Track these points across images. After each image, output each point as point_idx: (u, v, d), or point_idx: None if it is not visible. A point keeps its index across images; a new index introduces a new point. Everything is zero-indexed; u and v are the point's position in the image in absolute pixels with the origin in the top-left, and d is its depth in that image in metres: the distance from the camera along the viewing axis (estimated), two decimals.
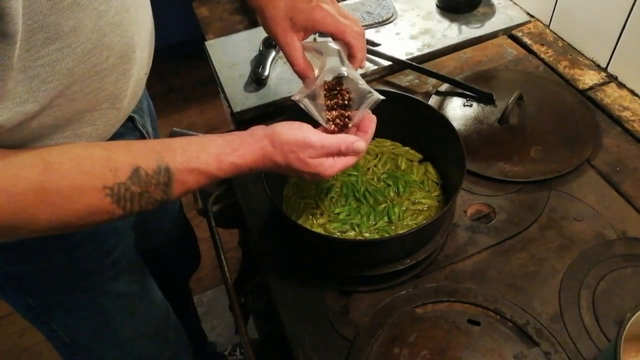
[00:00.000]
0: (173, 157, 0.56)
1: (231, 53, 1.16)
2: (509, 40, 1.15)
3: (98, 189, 0.51)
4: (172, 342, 0.99)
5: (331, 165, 0.64)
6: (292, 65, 0.71)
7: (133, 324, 0.87)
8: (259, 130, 0.63)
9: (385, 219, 0.77)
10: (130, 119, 0.73)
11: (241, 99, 1.05)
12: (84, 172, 0.51)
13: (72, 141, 0.59)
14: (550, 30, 1.16)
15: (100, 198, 0.52)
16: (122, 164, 0.53)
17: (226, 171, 0.59)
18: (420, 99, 0.84)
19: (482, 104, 0.98)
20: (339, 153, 0.64)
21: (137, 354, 0.91)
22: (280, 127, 0.62)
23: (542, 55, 1.09)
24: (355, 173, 0.84)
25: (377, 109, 0.85)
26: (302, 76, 0.71)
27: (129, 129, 0.75)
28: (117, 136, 0.68)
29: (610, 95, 0.98)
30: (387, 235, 0.75)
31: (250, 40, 1.18)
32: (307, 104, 0.67)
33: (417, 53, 1.12)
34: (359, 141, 0.65)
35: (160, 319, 0.94)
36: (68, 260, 0.72)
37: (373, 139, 0.88)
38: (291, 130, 0.62)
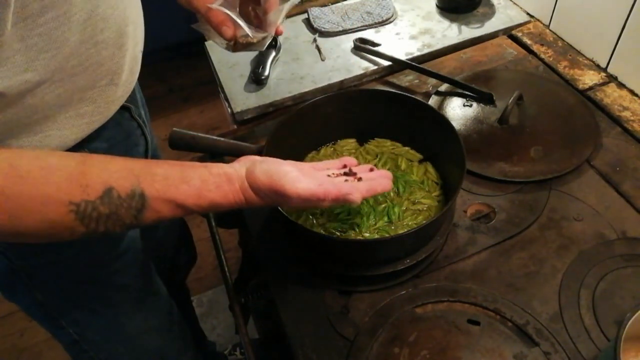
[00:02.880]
0: (151, 183, 0.53)
1: (231, 53, 1.15)
2: (509, 41, 1.16)
3: (63, 203, 0.48)
4: (178, 336, 1.00)
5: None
6: (211, 22, 0.73)
7: (140, 317, 0.88)
8: (242, 169, 0.60)
9: (385, 219, 0.77)
10: (127, 109, 0.74)
11: (241, 99, 1.05)
12: (50, 183, 0.48)
13: (75, 122, 0.60)
14: (550, 30, 1.16)
15: (63, 213, 0.48)
16: (94, 182, 0.50)
17: (203, 207, 0.57)
18: (420, 99, 0.84)
19: (482, 104, 0.98)
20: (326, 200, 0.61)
21: (144, 347, 0.92)
22: (259, 171, 0.59)
23: (542, 55, 1.09)
24: None
25: (377, 108, 0.85)
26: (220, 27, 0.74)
27: (126, 119, 0.76)
28: (116, 125, 0.69)
29: (610, 95, 0.98)
30: (387, 235, 0.75)
31: None
32: (230, 12, 0.69)
33: (417, 53, 1.12)
34: (349, 194, 0.61)
35: (165, 313, 0.95)
36: (77, 252, 0.72)
37: (373, 139, 0.89)
38: (267, 176, 0.59)
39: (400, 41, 1.16)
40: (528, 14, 1.20)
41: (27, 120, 0.54)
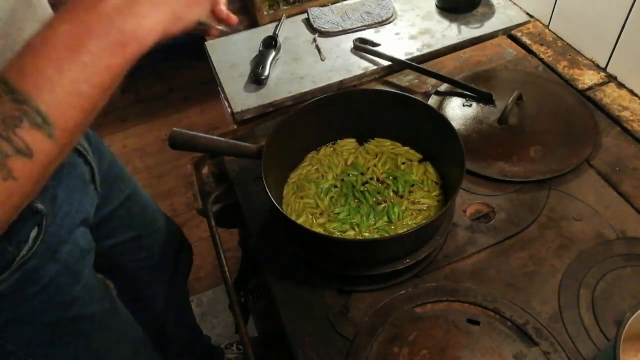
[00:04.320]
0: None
1: (231, 53, 1.16)
2: (509, 41, 1.16)
3: None
4: (145, 336, 1.00)
5: None
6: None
7: (110, 336, 0.88)
8: None
9: (385, 218, 0.77)
10: None
11: (241, 99, 1.05)
12: None
13: None
14: (550, 30, 1.16)
15: None
16: None
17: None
18: (420, 99, 0.84)
19: (481, 104, 0.98)
20: None
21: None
22: None
23: (542, 56, 1.09)
24: (355, 173, 0.84)
25: (377, 108, 0.85)
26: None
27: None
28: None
29: (610, 96, 0.99)
30: (387, 235, 0.75)
31: (250, 40, 1.18)
32: None
33: (417, 53, 1.12)
34: None
35: (129, 325, 0.96)
36: (45, 299, 0.72)
37: (373, 139, 0.89)
38: None
39: (400, 41, 1.16)
40: (528, 14, 1.20)
41: None
